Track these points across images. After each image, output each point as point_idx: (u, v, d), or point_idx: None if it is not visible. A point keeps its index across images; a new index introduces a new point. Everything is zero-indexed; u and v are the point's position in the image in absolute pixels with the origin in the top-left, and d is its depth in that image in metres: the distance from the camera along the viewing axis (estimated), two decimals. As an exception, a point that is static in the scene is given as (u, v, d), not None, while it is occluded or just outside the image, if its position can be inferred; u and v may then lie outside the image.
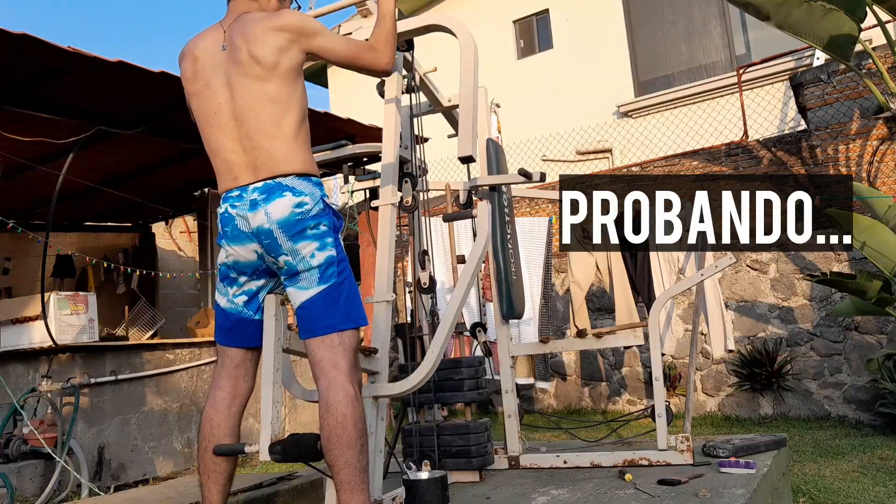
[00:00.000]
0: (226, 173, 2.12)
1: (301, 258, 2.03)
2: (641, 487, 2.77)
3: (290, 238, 2.02)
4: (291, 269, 2.04)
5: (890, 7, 5.27)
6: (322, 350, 2.02)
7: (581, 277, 5.84)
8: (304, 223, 2.04)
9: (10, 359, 5.36)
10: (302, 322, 2.06)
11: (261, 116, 2.07)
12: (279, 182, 2.05)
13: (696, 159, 7.22)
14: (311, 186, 2.09)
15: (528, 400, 7.57)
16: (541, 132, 9.42)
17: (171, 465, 5.65)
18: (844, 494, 3.60)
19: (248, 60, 2.06)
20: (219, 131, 2.12)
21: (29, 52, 4.15)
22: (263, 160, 2.06)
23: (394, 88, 3.09)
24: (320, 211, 2.08)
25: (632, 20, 9.34)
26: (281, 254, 2.04)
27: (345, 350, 2.03)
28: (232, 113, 2.10)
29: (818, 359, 6.05)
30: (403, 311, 7.11)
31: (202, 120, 2.17)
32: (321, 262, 2.04)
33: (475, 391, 3.28)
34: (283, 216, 2.02)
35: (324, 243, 2.06)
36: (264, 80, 2.07)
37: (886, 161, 6.23)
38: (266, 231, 2.03)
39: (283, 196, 2.03)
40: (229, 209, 2.09)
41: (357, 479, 1.95)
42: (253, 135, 2.07)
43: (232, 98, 2.10)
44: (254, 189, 2.05)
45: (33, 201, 7.15)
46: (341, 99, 11.47)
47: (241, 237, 2.08)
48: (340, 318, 2.04)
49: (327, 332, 2.02)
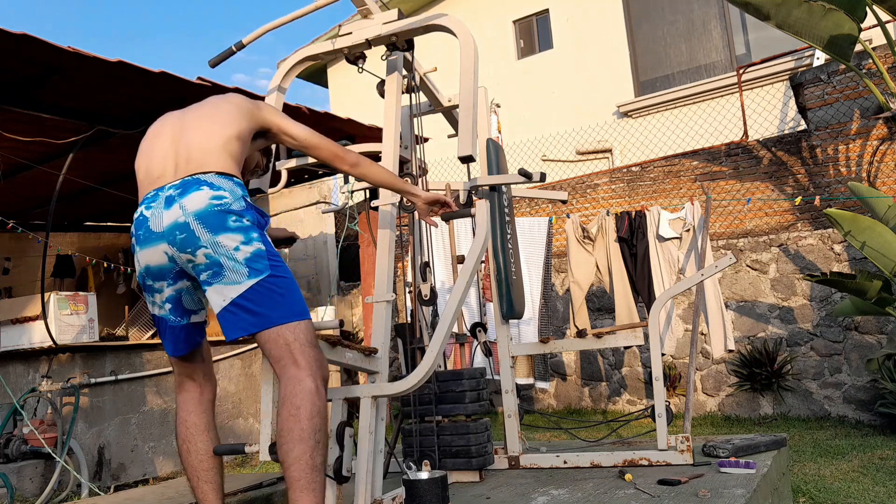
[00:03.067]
0: (145, 179, 2.06)
1: (224, 250, 1.87)
2: (641, 487, 2.77)
3: (209, 229, 1.87)
4: (213, 262, 1.86)
5: (890, 7, 5.27)
6: (277, 349, 1.87)
7: (581, 277, 5.84)
8: (225, 216, 1.89)
9: (10, 359, 5.37)
10: (235, 321, 1.87)
11: (201, 125, 2.07)
12: (196, 177, 1.95)
13: (696, 159, 7.23)
14: (232, 184, 1.98)
15: (528, 400, 7.57)
16: (541, 132, 9.43)
17: (171, 465, 5.65)
18: (844, 494, 3.60)
19: (212, 99, 2.17)
20: (154, 141, 2.11)
21: (29, 52, 4.15)
22: (186, 162, 2.01)
23: (394, 88, 3.09)
24: (242, 207, 1.95)
25: (631, 20, 9.34)
26: (199, 246, 1.87)
27: (301, 345, 1.87)
28: (175, 126, 2.11)
29: (818, 359, 6.06)
30: (403, 310, 7.12)
31: (146, 138, 2.16)
32: (248, 255, 1.88)
33: (477, 403, 3.28)
34: (199, 207, 1.88)
35: (249, 237, 1.90)
36: (216, 106, 2.13)
37: (886, 161, 6.23)
38: (182, 224, 1.88)
39: (199, 189, 1.91)
40: (143, 211, 1.98)
41: (307, 478, 1.79)
42: (185, 138, 2.05)
43: (182, 115, 2.14)
44: (170, 187, 1.96)
45: (33, 201, 7.16)
46: (341, 99, 11.49)
47: (151, 238, 1.94)
48: (284, 313, 1.88)
49: (272, 325, 1.86)
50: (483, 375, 3.39)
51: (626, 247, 5.72)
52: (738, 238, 6.73)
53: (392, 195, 2.93)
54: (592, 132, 9.08)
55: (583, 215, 6.99)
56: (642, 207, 5.89)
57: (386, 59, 3.16)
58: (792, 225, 6.65)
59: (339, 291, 9.30)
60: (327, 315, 7.30)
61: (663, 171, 7.39)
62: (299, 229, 9.79)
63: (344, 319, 9.02)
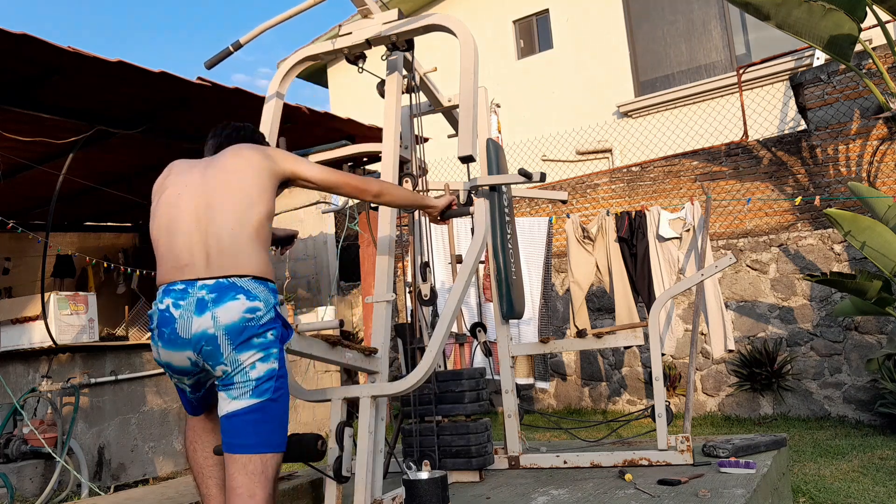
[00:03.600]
0: (170, 261, 1.96)
1: (240, 367, 1.86)
2: (641, 487, 2.77)
3: (233, 345, 1.86)
4: (227, 376, 1.88)
5: (890, 7, 5.27)
6: (242, 476, 1.84)
7: (581, 277, 5.84)
8: (253, 331, 1.87)
9: (10, 359, 5.37)
10: (224, 433, 1.89)
11: (226, 204, 1.95)
12: (233, 282, 1.89)
13: (696, 159, 7.23)
14: (267, 292, 1.94)
15: (528, 400, 7.57)
16: (541, 132, 9.43)
17: (171, 465, 5.65)
18: (844, 494, 3.60)
19: (231, 154, 2.06)
20: (176, 213, 1.99)
21: (29, 52, 4.15)
22: (219, 253, 1.91)
23: (394, 88, 3.09)
24: (271, 319, 1.92)
25: (632, 20, 9.34)
26: (220, 363, 1.87)
27: (266, 480, 1.86)
28: (198, 192, 2.00)
29: (818, 359, 6.05)
30: (403, 310, 7.11)
31: (162, 204, 2.05)
32: (261, 374, 1.88)
33: (476, 403, 3.28)
34: (232, 321, 1.85)
35: (268, 354, 1.90)
36: (240, 170, 2.02)
37: (886, 161, 6.23)
38: (210, 337, 1.85)
39: (235, 299, 1.86)
40: (171, 308, 1.89)
41: None
42: (216, 217, 1.94)
43: (203, 178, 2.02)
44: (202, 286, 1.88)
45: (33, 201, 7.15)
46: (341, 99, 11.48)
47: (177, 343, 1.89)
48: (265, 441, 1.87)
49: (250, 452, 1.86)
50: (483, 375, 3.40)
51: (626, 247, 5.72)
52: (738, 238, 6.73)
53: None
54: (592, 132, 9.08)
55: (583, 215, 6.99)
56: (642, 207, 5.89)
57: (386, 59, 3.16)
58: (792, 225, 6.65)
59: (339, 291, 9.30)
60: (327, 315, 7.30)
61: (663, 171, 7.39)
62: (299, 229, 9.79)
63: (344, 319, 9.02)
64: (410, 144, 3.43)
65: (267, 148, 2.15)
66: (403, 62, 3.16)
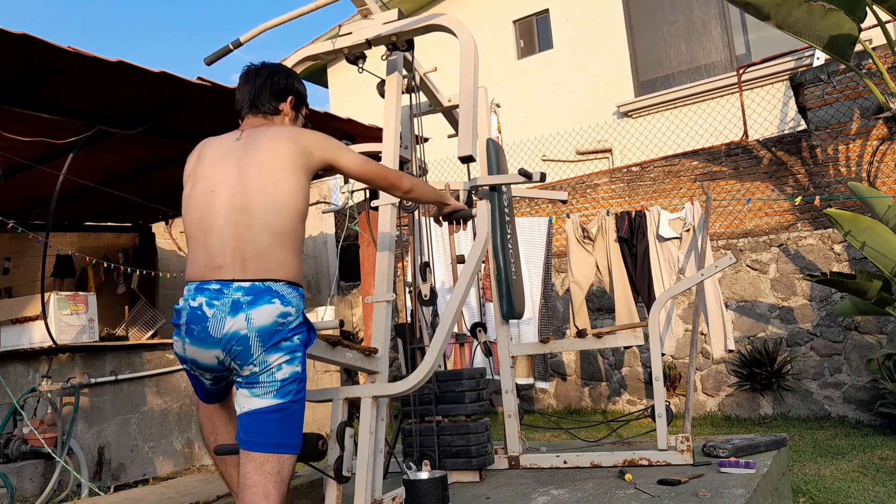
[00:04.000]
0: (204, 259, 1.94)
1: (267, 368, 1.88)
2: (641, 487, 2.77)
3: (263, 346, 1.87)
4: (253, 375, 1.89)
5: (890, 7, 5.27)
6: (258, 474, 1.84)
7: (581, 277, 5.84)
8: (283, 335, 1.90)
9: (10, 359, 5.36)
10: (243, 429, 1.89)
11: (265, 202, 1.94)
12: (269, 286, 1.90)
13: (696, 159, 7.23)
14: (298, 298, 1.96)
15: (528, 400, 7.57)
16: (541, 132, 9.43)
17: (171, 465, 5.65)
18: (844, 494, 3.60)
19: (266, 149, 2.00)
20: (210, 211, 1.96)
21: (29, 52, 4.15)
22: (255, 256, 1.91)
23: (394, 88, 3.09)
24: (299, 324, 1.95)
25: (632, 20, 9.34)
26: (248, 363, 1.88)
27: (281, 480, 1.86)
28: (233, 192, 1.96)
29: (818, 359, 6.05)
30: (403, 310, 7.12)
31: (196, 198, 2.01)
32: (286, 375, 1.89)
33: (476, 403, 3.28)
34: (265, 324, 1.87)
35: (293, 357, 1.92)
36: (276, 169, 1.97)
37: (886, 161, 6.23)
38: (242, 337, 1.86)
39: (270, 303, 1.88)
40: (205, 306, 1.89)
41: None
42: (252, 221, 1.92)
43: (238, 176, 1.97)
44: (238, 287, 1.88)
45: (33, 201, 7.15)
46: (341, 99, 11.48)
47: (207, 341, 1.90)
48: (284, 441, 1.88)
49: (268, 451, 1.86)
50: (483, 375, 3.39)
51: (626, 247, 5.72)
52: (738, 238, 6.73)
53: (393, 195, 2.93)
54: (592, 132, 9.08)
55: (583, 215, 6.99)
56: (642, 207, 5.89)
57: (386, 59, 3.16)
58: (792, 225, 6.65)
59: (339, 291, 9.30)
60: (327, 315, 7.30)
61: (663, 171, 7.39)
62: (299, 229, 9.78)
63: (344, 319, 9.02)
64: (410, 144, 3.43)
65: (304, 136, 2.06)
66: (403, 62, 3.16)
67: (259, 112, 2.17)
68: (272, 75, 2.20)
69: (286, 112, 2.21)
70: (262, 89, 2.18)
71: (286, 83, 2.21)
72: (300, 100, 2.27)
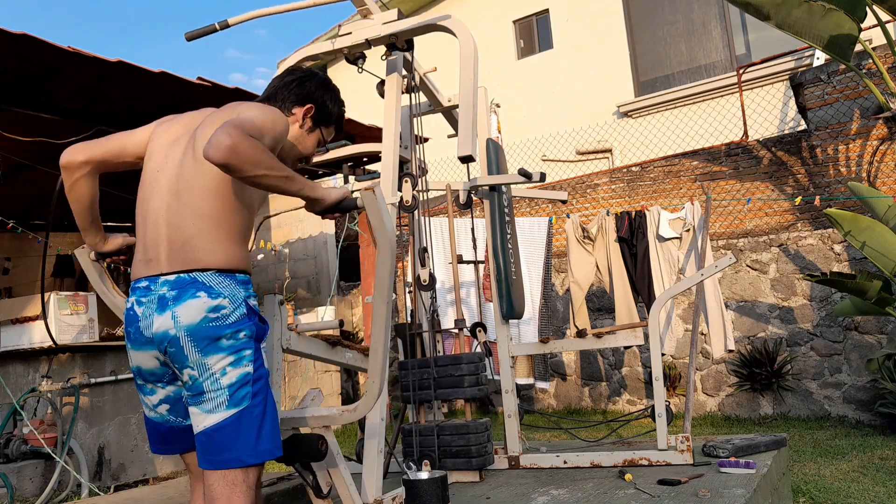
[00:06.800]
0: (140, 252, 1.80)
1: (209, 374, 1.67)
2: (641, 487, 2.77)
3: (199, 349, 1.67)
4: (195, 385, 1.68)
5: (890, 7, 5.27)
6: (220, 486, 1.66)
7: (581, 277, 5.83)
8: (220, 331, 1.68)
9: (10, 359, 5.36)
10: (202, 449, 1.68)
11: (195, 184, 1.74)
12: (194, 277, 1.70)
13: (696, 159, 7.23)
14: (234, 286, 1.73)
15: (528, 400, 7.57)
16: (541, 132, 9.43)
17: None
18: (844, 494, 3.60)
19: (209, 132, 1.77)
20: (151, 192, 1.81)
21: (29, 52, 4.15)
22: (181, 245, 1.72)
23: (394, 88, 3.09)
24: (241, 317, 1.72)
25: (632, 20, 9.35)
26: (186, 366, 1.68)
27: (246, 489, 1.68)
28: (171, 179, 1.79)
29: (818, 359, 6.05)
30: (403, 310, 7.12)
31: (143, 182, 1.87)
32: (233, 380, 1.68)
33: (475, 387, 3.27)
34: (193, 322, 1.66)
35: (240, 357, 1.69)
36: None
37: (886, 161, 6.23)
38: (173, 339, 1.67)
39: (195, 297, 1.68)
40: (136, 306, 1.74)
41: None
42: (181, 205, 1.74)
43: (182, 160, 1.80)
44: (164, 282, 1.71)
45: (33, 201, 7.15)
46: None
47: (140, 342, 1.74)
48: (249, 452, 1.67)
49: (230, 466, 1.66)
50: (482, 360, 3.39)
51: (626, 247, 5.72)
52: (738, 238, 6.73)
53: (393, 195, 2.93)
54: (592, 132, 9.08)
55: (583, 215, 6.98)
56: (642, 207, 5.89)
57: (386, 59, 3.16)
58: (792, 225, 6.65)
59: (339, 291, 9.30)
60: (327, 315, 7.30)
61: (663, 171, 7.39)
62: (299, 229, 9.80)
63: (344, 319, 9.02)
64: (410, 144, 3.43)
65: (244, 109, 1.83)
66: (403, 62, 3.16)
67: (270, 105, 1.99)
68: (304, 79, 2.05)
69: (297, 118, 2.01)
70: (285, 87, 2.03)
71: (312, 91, 2.04)
72: (322, 114, 2.06)
